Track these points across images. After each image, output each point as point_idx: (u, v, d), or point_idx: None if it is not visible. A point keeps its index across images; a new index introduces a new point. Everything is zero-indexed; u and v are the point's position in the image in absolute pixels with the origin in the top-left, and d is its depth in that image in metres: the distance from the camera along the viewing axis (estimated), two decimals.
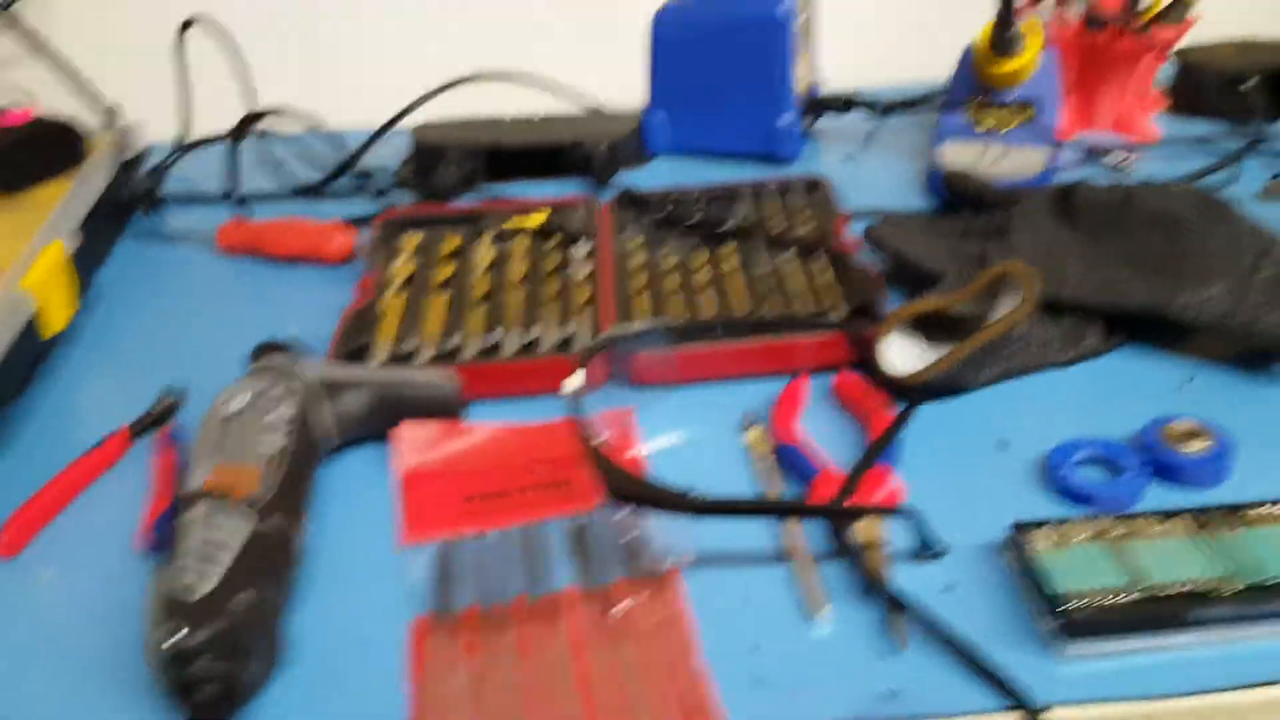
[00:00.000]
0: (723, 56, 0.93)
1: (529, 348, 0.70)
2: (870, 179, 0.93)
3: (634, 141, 0.98)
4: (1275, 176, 0.86)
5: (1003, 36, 0.85)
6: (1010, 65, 0.86)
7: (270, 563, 0.51)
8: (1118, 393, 0.65)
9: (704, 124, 0.97)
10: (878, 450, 0.59)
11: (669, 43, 0.95)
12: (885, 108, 1.01)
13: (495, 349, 0.70)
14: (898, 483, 0.58)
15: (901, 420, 0.61)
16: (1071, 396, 0.65)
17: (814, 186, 0.87)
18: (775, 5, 0.90)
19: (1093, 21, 0.92)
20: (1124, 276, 0.68)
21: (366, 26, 1.14)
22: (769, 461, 0.61)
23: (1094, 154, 0.92)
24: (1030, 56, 0.87)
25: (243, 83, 0.98)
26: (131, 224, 0.95)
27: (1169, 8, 0.92)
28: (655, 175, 0.96)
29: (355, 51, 1.14)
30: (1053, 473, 0.58)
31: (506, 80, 1.03)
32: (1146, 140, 0.94)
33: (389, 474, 0.61)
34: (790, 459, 0.61)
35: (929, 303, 0.65)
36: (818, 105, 1.00)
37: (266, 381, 0.60)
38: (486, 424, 0.64)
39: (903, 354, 0.65)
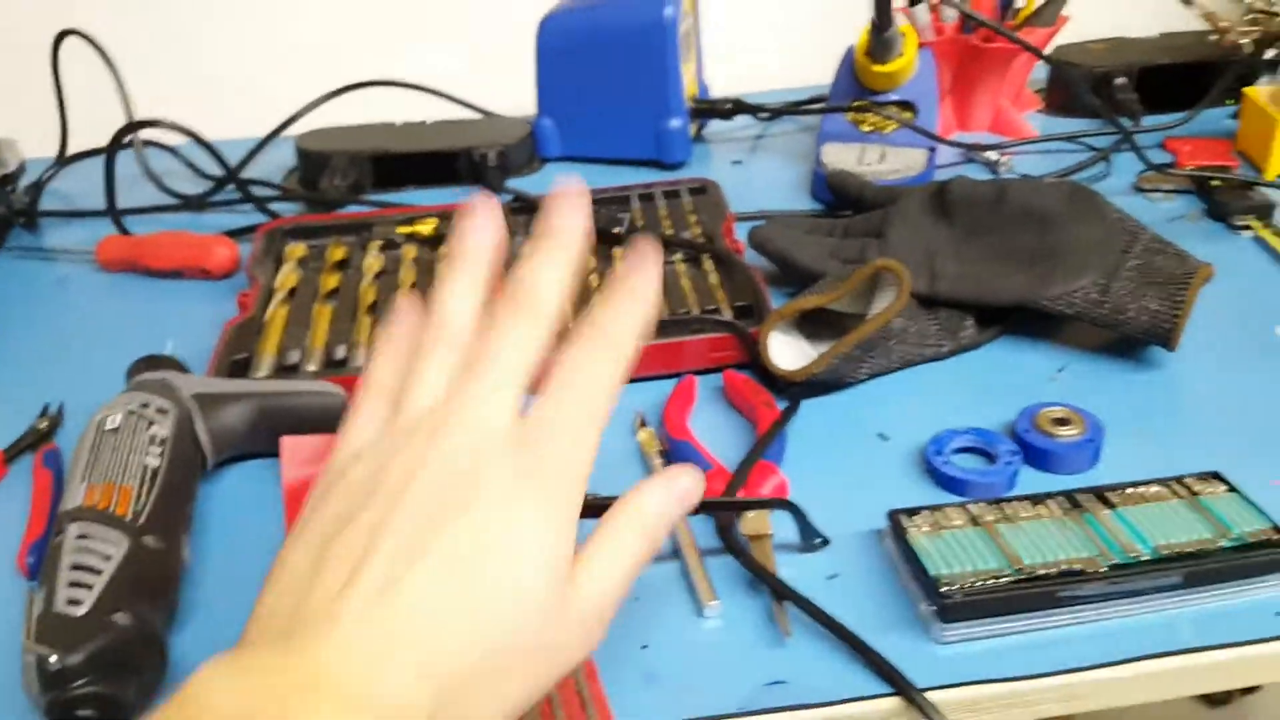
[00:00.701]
0: (609, 62, 0.94)
1: None
2: (757, 182, 0.94)
3: (525, 148, 0.98)
4: (1144, 171, 0.89)
5: (879, 40, 0.87)
6: (888, 68, 0.89)
7: (149, 582, 0.50)
8: (993, 383, 0.67)
9: (594, 130, 0.98)
10: (763, 446, 0.60)
11: (555, 50, 0.96)
12: (771, 112, 1.03)
13: None
14: (783, 477, 0.59)
15: (786, 416, 0.62)
16: (949, 388, 0.67)
17: (702, 190, 0.88)
18: (660, 10, 0.91)
19: (968, 24, 0.94)
20: (998, 271, 0.70)
21: (249, 34, 1.13)
22: (661, 460, 0.62)
23: (973, 153, 0.94)
24: (908, 59, 0.89)
25: (120, 95, 0.95)
26: (8, 241, 0.92)
27: (1041, 9, 0.95)
28: (547, 182, 0.96)
29: (237, 60, 1.13)
30: (930, 462, 0.59)
31: (394, 87, 1.02)
32: (1023, 138, 0.97)
33: (277, 488, 0.60)
34: (682, 455, 0.61)
35: (809, 300, 0.66)
36: (706, 110, 1.01)
37: (142, 398, 0.59)
38: None
39: (786, 351, 0.66)
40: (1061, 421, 0.61)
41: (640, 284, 0.42)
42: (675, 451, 0.62)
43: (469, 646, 0.35)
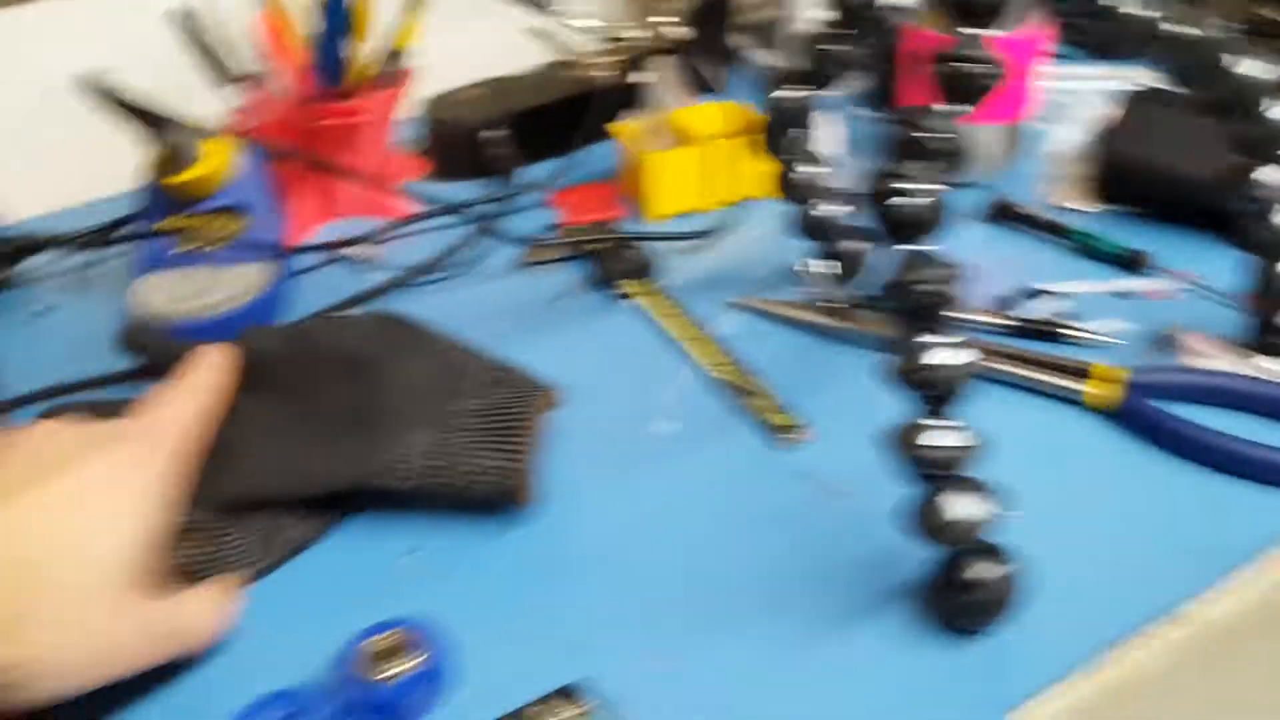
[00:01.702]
0: None
1: None
2: (57, 340, 0.74)
3: None
4: (532, 242, 0.79)
5: (163, 148, 0.69)
6: (189, 175, 0.71)
7: None
8: (326, 595, 0.53)
9: None
10: None
11: None
12: (83, 239, 0.81)
13: None
14: None
15: None
16: (255, 624, 0.51)
17: None
18: None
19: (299, 101, 0.79)
20: (318, 451, 0.55)
21: None
22: None
23: (335, 250, 0.79)
24: (217, 159, 0.72)
25: None
26: None
27: (384, 69, 0.82)
28: None
29: None
30: None
31: None
32: (398, 216, 0.83)
33: None
34: None
35: None
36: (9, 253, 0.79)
37: None
38: None
39: None
40: (390, 654, 0.48)
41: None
42: None
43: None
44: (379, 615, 0.49)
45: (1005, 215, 0.78)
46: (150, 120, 0.67)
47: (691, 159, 0.79)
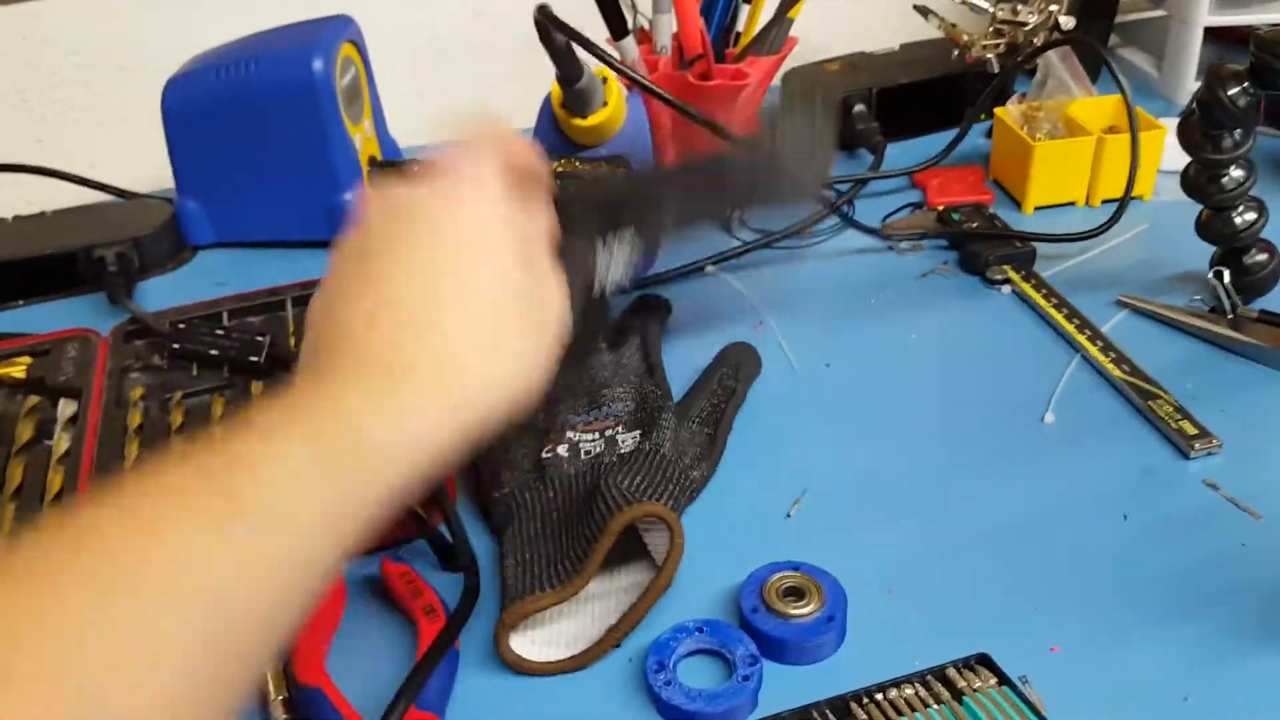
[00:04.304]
0: (257, 129, 0.76)
1: None
2: None
3: (165, 238, 0.79)
4: (888, 217, 0.78)
5: (572, 93, 0.72)
6: (590, 120, 0.74)
7: None
8: (723, 538, 0.54)
9: (252, 210, 0.80)
10: (413, 688, 0.45)
11: (188, 117, 0.77)
12: None
13: None
14: None
15: (446, 636, 0.47)
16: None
17: None
18: (307, 65, 0.74)
19: (682, 60, 0.81)
20: None
21: None
22: (284, 714, 0.46)
23: None
24: (612, 108, 0.75)
25: None
26: None
27: (764, 33, 0.83)
28: (194, 282, 0.78)
29: None
30: (651, 684, 0.45)
31: (12, 172, 0.83)
32: None
33: None
34: (312, 707, 0.46)
35: (546, 599, 0.48)
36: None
37: None
38: None
39: (526, 633, 0.49)
40: (795, 593, 0.48)
41: None
42: (303, 702, 0.46)
43: None
44: (773, 558, 0.50)
45: None
46: (569, 60, 0.70)
47: (1081, 151, 0.77)
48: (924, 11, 0.87)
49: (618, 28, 0.79)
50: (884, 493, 0.56)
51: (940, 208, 0.78)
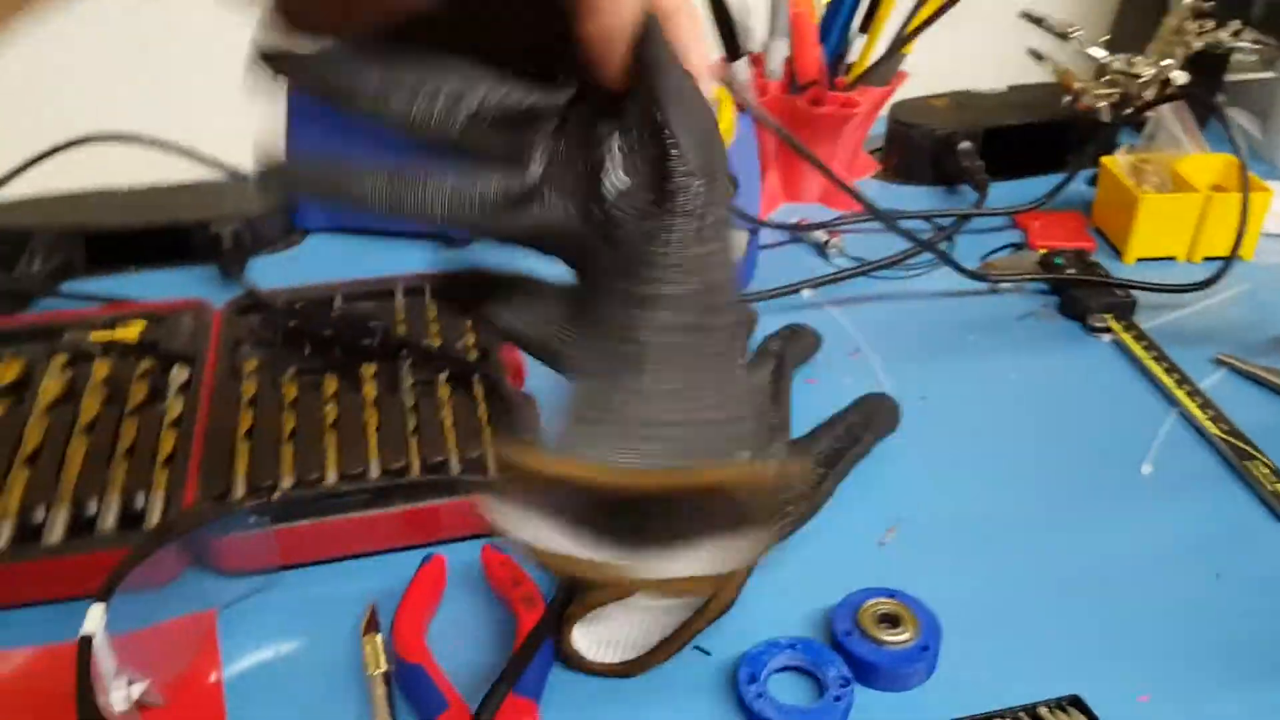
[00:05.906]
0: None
1: (81, 530, 0.53)
2: None
3: (278, 218, 0.82)
4: (989, 255, 0.79)
5: None
6: None
7: None
8: (817, 562, 0.54)
9: None
10: (514, 673, 0.46)
11: (306, 101, 0.79)
12: None
13: (35, 533, 0.53)
14: None
15: (544, 625, 0.48)
16: (758, 582, 0.52)
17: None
18: None
19: (794, 84, 0.82)
20: None
21: None
22: (384, 687, 0.47)
23: (799, 233, 0.82)
24: (727, 122, 0.76)
25: None
26: None
27: (876, 65, 0.84)
28: (305, 263, 0.80)
29: None
30: (742, 696, 0.46)
31: (128, 143, 0.85)
32: (854, 211, 0.85)
33: None
34: (410, 685, 0.47)
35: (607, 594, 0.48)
36: None
37: None
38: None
39: (592, 632, 0.50)
40: (889, 620, 0.49)
41: None
42: (403, 677, 0.47)
43: None
44: (864, 584, 0.51)
45: None
46: None
47: (1188, 206, 0.77)
48: (1038, 56, 0.88)
49: (733, 50, 0.81)
50: (977, 527, 0.57)
51: (1043, 250, 0.78)
